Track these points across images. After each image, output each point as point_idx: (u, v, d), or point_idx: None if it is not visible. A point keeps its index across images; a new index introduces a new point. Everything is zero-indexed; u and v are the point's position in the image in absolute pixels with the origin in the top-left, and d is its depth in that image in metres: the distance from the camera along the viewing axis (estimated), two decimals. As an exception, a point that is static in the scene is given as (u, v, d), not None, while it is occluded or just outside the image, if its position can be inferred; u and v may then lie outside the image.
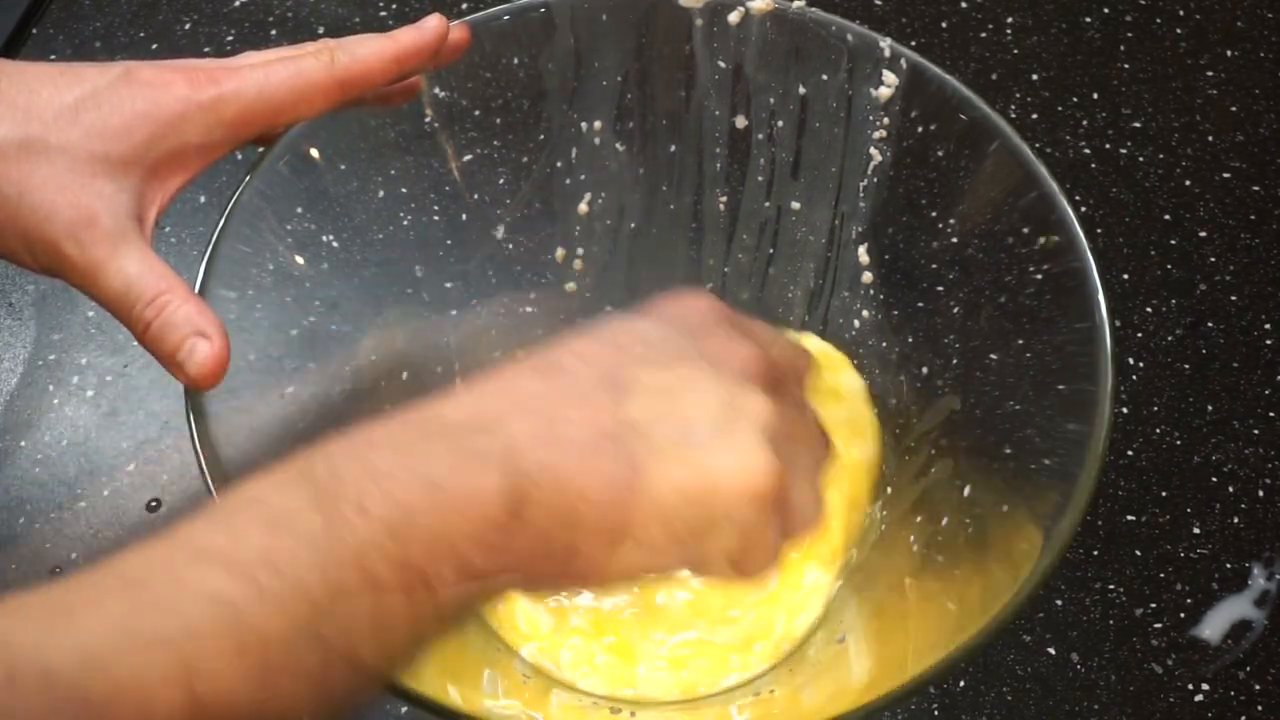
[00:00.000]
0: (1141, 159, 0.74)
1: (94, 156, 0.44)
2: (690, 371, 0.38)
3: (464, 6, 0.80)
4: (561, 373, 0.38)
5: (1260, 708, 0.56)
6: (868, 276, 0.59)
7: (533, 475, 0.35)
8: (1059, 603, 0.59)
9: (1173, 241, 0.71)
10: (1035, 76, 0.77)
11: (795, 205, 0.60)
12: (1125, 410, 0.65)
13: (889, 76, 0.54)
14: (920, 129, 0.55)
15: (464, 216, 0.59)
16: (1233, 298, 0.69)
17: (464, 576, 0.34)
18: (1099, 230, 0.71)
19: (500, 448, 0.35)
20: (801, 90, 0.57)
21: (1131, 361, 0.66)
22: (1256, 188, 0.73)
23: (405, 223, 0.58)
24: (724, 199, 0.61)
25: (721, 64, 0.58)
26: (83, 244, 0.43)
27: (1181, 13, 0.81)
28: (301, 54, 0.47)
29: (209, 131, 0.46)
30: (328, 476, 0.34)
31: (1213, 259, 0.70)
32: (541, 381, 0.38)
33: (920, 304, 0.57)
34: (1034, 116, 0.76)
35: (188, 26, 0.78)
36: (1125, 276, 0.69)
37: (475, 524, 0.34)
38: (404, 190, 0.57)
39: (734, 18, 0.56)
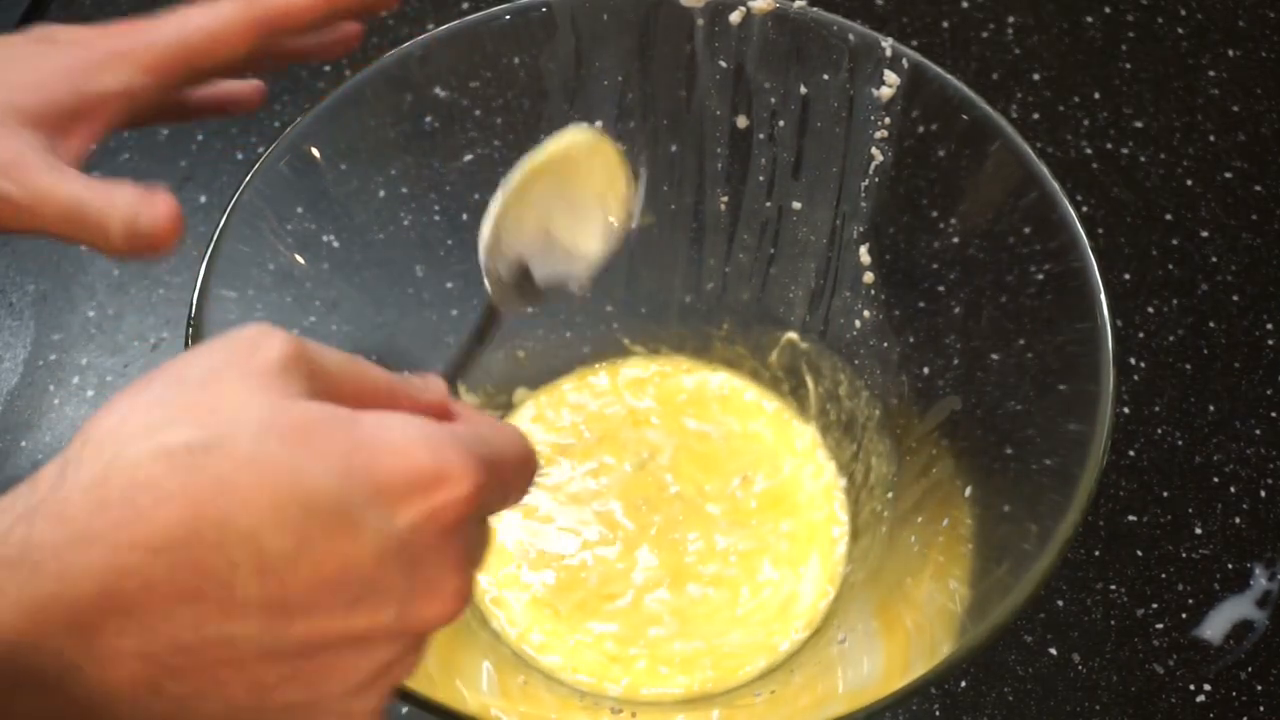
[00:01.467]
0: (1143, 159, 0.74)
1: (14, 109, 0.45)
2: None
3: (464, 6, 0.80)
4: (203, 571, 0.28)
5: (1262, 708, 0.56)
6: (869, 277, 0.59)
7: None
8: (1060, 603, 0.59)
9: (1174, 241, 0.71)
10: (1036, 76, 0.77)
11: (796, 205, 0.60)
12: (1126, 410, 0.65)
13: (890, 76, 0.54)
14: (921, 129, 0.55)
15: (464, 216, 0.59)
16: (1234, 298, 0.69)
17: None
18: (1100, 230, 0.71)
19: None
20: (803, 90, 0.57)
21: (1133, 361, 0.66)
22: (1258, 187, 0.73)
23: (405, 223, 0.58)
24: (725, 199, 0.61)
25: (722, 64, 0.57)
26: (20, 181, 0.43)
27: (1183, 12, 0.81)
28: None
29: (130, 79, 0.46)
30: None
31: (1214, 259, 0.70)
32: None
33: (921, 304, 0.57)
34: (1035, 116, 0.75)
35: (188, 26, 0.78)
36: (1126, 276, 0.69)
37: None
38: (404, 190, 0.57)
39: (735, 17, 0.56)
